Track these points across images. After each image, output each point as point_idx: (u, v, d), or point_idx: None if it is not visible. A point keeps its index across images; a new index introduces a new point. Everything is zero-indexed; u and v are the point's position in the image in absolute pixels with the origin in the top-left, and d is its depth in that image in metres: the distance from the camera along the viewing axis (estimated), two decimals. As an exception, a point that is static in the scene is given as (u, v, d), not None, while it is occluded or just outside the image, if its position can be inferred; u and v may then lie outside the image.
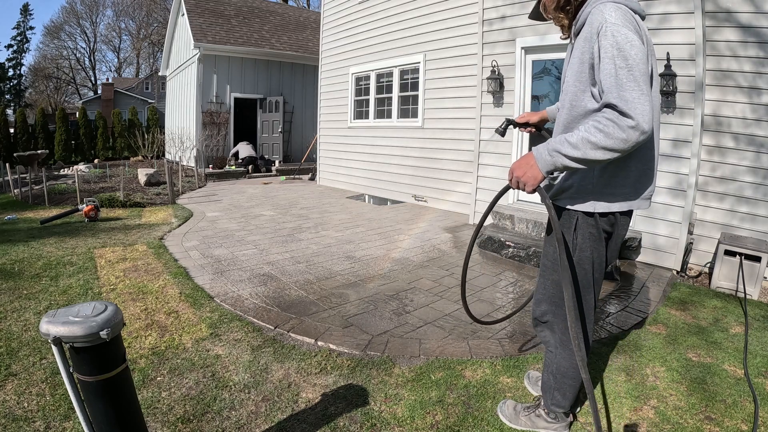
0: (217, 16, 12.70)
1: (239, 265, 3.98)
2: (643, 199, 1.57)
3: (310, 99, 12.93)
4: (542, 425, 1.86)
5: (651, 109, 1.28)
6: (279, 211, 6.59)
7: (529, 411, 1.91)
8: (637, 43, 1.32)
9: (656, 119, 1.46)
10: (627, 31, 1.33)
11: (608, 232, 1.62)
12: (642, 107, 1.27)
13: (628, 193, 1.54)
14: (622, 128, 1.28)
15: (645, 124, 1.26)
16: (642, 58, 1.31)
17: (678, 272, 4.03)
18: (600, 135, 1.30)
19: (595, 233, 1.59)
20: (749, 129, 3.84)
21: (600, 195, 1.54)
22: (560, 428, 1.86)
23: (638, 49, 1.32)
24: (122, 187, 7.69)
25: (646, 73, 1.31)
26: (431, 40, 6.74)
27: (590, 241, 1.60)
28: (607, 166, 1.50)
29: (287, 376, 2.26)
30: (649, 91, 1.29)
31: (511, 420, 1.92)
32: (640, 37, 1.35)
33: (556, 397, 1.81)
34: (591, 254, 1.61)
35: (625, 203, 1.55)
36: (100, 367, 1.24)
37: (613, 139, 1.29)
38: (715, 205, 4.06)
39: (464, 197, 6.26)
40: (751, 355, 2.53)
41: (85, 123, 16.19)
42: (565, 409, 1.84)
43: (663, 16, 3.98)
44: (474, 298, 3.33)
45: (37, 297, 3.16)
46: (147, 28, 39.19)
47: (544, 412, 1.86)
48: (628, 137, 1.28)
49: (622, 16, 1.36)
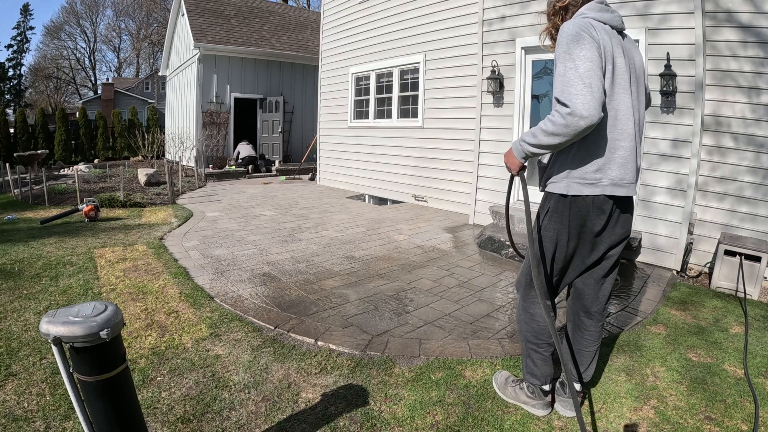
0: (217, 16, 12.70)
1: (239, 265, 3.98)
2: (615, 186, 1.69)
3: (310, 99, 12.93)
4: (523, 399, 2.02)
5: (594, 99, 1.51)
6: (279, 211, 6.59)
7: (515, 384, 2.08)
8: (587, 45, 1.56)
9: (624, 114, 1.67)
10: (579, 37, 1.57)
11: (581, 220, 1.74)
12: (582, 97, 1.51)
13: (598, 180, 1.69)
14: (562, 115, 1.54)
15: (583, 111, 1.50)
16: (590, 58, 1.55)
17: (678, 272, 4.03)
18: (548, 123, 1.58)
19: (566, 214, 1.75)
20: (749, 129, 3.84)
21: (572, 179, 1.72)
22: (539, 405, 1.99)
23: (587, 50, 1.55)
24: (122, 187, 7.69)
25: (594, 72, 1.54)
26: (431, 40, 6.74)
27: (557, 220, 1.78)
28: (576, 156, 1.71)
29: (287, 376, 2.26)
30: (596, 85, 1.52)
31: (500, 389, 2.12)
32: (596, 41, 1.57)
33: (528, 365, 1.99)
34: (555, 234, 1.80)
35: (596, 188, 1.69)
36: (100, 367, 1.24)
37: (556, 125, 1.56)
38: (715, 205, 4.06)
39: (464, 197, 6.26)
40: (751, 355, 2.53)
41: (85, 123, 16.19)
42: (539, 381, 1.97)
43: (663, 16, 3.98)
44: (474, 298, 3.33)
45: (37, 297, 3.16)
46: (147, 28, 39.20)
47: (526, 386, 2.02)
48: (568, 122, 1.53)
49: (577, 25, 1.60)
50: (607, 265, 1.87)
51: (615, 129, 1.68)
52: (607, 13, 1.70)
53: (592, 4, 1.73)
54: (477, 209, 5.79)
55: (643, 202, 4.23)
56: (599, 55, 1.57)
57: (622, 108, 1.67)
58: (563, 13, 1.81)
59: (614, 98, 1.66)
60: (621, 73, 1.66)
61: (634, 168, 1.73)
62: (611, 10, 1.73)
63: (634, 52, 1.79)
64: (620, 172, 1.69)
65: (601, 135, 1.67)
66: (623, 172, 1.70)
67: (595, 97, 1.52)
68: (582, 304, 1.95)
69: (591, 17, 1.66)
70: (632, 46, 1.79)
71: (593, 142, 1.68)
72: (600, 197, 1.70)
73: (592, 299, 1.92)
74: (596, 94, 1.52)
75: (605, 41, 1.61)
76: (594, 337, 1.95)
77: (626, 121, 1.68)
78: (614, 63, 1.63)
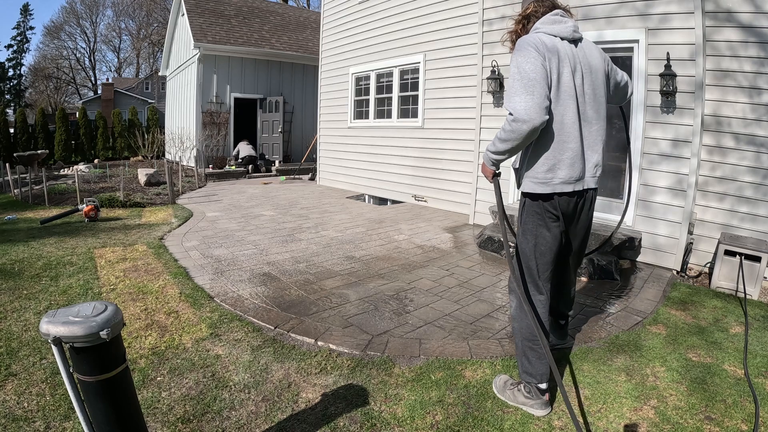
0: (217, 16, 12.70)
1: (239, 265, 3.98)
2: (564, 183, 1.88)
3: (310, 99, 12.92)
4: (521, 400, 2.05)
5: (535, 104, 1.70)
6: (279, 211, 6.59)
7: (513, 386, 2.13)
8: (531, 59, 1.76)
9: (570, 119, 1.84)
10: (526, 51, 1.79)
11: (553, 212, 1.93)
12: (524, 103, 1.71)
13: (549, 179, 1.88)
14: (508, 122, 1.76)
15: (524, 115, 1.70)
16: (533, 69, 1.74)
17: (678, 272, 4.03)
18: (500, 131, 1.81)
19: (538, 211, 1.95)
20: (749, 129, 3.83)
21: (530, 180, 1.92)
22: (537, 405, 2.01)
23: (531, 63, 1.75)
24: (122, 187, 7.69)
25: (536, 81, 1.73)
26: (431, 40, 6.74)
27: (533, 217, 1.97)
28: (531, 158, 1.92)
29: (287, 376, 2.26)
30: (537, 92, 1.72)
31: (499, 391, 2.16)
32: (541, 54, 1.77)
33: (524, 364, 2.05)
34: (534, 229, 1.97)
35: (547, 186, 1.89)
36: (100, 367, 1.25)
37: (505, 131, 1.78)
38: (715, 205, 4.05)
39: (464, 197, 6.26)
40: (751, 355, 2.53)
41: (85, 123, 16.19)
42: (536, 379, 2.01)
43: (663, 16, 3.98)
44: (474, 298, 3.33)
45: (37, 297, 3.16)
46: (147, 28, 39.19)
47: (523, 387, 2.06)
48: (513, 128, 1.75)
49: (526, 41, 1.83)
50: (580, 239, 2.14)
51: (562, 132, 1.85)
52: (558, 25, 1.89)
53: (546, 18, 1.91)
54: (477, 209, 5.79)
55: (643, 202, 4.23)
56: (542, 66, 1.76)
57: (569, 113, 1.84)
58: (525, 22, 2.01)
59: (560, 105, 1.83)
60: (566, 81, 1.83)
61: (582, 167, 1.91)
62: (564, 21, 1.91)
63: (591, 55, 1.93)
64: (569, 171, 1.87)
65: (549, 138, 1.85)
66: (571, 171, 1.88)
67: (537, 102, 1.71)
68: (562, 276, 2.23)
69: (542, 31, 1.88)
70: (588, 51, 1.94)
71: (542, 146, 1.87)
72: (553, 195, 1.90)
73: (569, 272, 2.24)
74: (537, 100, 1.71)
75: (551, 55, 1.80)
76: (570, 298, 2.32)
77: (572, 125, 1.85)
78: (560, 73, 1.81)
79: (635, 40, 4.16)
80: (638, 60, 4.15)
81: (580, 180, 1.91)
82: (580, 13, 4.55)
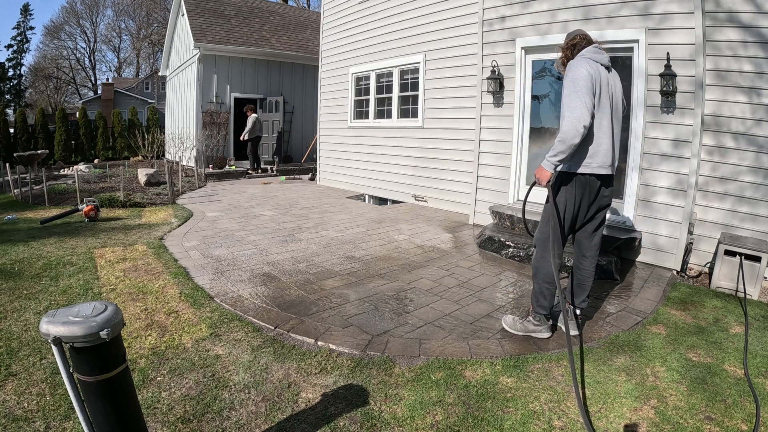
0: (217, 16, 12.70)
1: (239, 265, 3.98)
2: (600, 167, 2.50)
3: (310, 99, 12.92)
4: (531, 328, 2.69)
5: (587, 111, 2.34)
6: (279, 211, 6.59)
7: (522, 319, 2.75)
8: (585, 76, 2.38)
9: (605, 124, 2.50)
10: (580, 71, 2.41)
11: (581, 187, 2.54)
12: (579, 111, 2.36)
13: (589, 163, 2.50)
14: (569, 124, 2.37)
15: (582, 119, 2.35)
16: (586, 86, 2.37)
17: (678, 272, 4.03)
18: (558, 140, 2.41)
19: (569, 186, 2.56)
20: (750, 129, 3.83)
21: (574, 163, 2.53)
22: (544, 329, 2.68)
23: (584, 80, 2.37)
24: (122, 187, 7.69)
25: (587, 94, 2.36)
26: (431, 40, 6.74)
27: (564, 190, 2.58)
28: (578, 148, 2.46)
29: (287, 376, 2.26)
30: (588, 102, 2.36)
31: (511, 327, 2.74)
32: (590, 75, 2.39)
33: (539, 299, 2.66)
34: (564, 200, 2.58)
35: (587, 168, 2.50)
36: (100, 367, 1.25)
37: (565, 133, 2.38)
38: (716, 205, 4.05)
39: (464, 197, 6.25)
40: (751, 355, 2.53)
41: (85, 123, 16.19)
42: (545, 311, 2.66)
43: (663, 16, 3.98)
44: (474, 298, 3.33)
45: (37, 297, 3.16)
46: (147, 28, 39.20)
47: (532, 317, 2.69)
48: (574, 127, 2.36)
49: (580, 63, 2.45)
50: (597, 222, 2.70)
51: (600, 132, 2.49)
52: (599, 55, 2.53)
53: (590, 48, 2.55)
54: (477, 209, 5.79)
55: (644, 202, 4.23)
56: (591, 83, 2.38)
57: (604, 120, 2.50)
58: (572, 49, 2.63)
59: (599, 113, 2.46)
60: (603, 97, 2.48)
61: (612, 158, 2.54)
62: (602, 53, 2.55)
63: (615, 83, 2.57)
64: (603, 159, 2.51)
65: (590, 135, 2.48)
66: (605, 159, 2.52)
67: (588, 109, 2.36)
68: (580, 251, 2.78)
69: (588, 57, 2.50)
70: (615, 79, 2.58)
71: (587, 141, 2.48)
72: (591, 175, 2.52)
73: (587, 247, 2.75)
74: (588, 107, 2.37)
75: (596, 75, 2.42)
76: (588, 273, 2.75)
77: (606, 128, 2.51)
78: (601, 89, 2.45)
79: (635, 40, 4.16)
80: (638, 60, 4.15)
81: (608, 167, 2.53)
82: (581, 12, 4.55)
